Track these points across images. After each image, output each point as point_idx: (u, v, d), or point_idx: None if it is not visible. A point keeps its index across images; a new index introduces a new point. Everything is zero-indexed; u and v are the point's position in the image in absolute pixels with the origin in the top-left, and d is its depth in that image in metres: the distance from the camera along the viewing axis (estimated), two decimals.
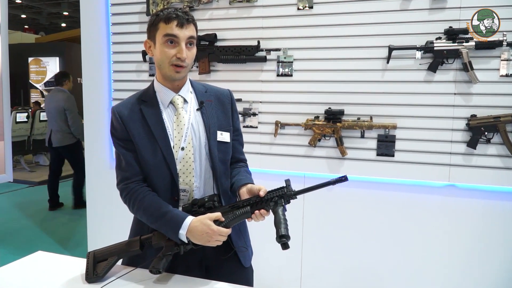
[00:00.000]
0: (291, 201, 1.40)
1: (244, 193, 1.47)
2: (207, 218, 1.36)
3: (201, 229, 1.35)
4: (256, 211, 1.38)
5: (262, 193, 1.38)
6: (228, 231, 1.37)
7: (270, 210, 1.38)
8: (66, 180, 7.19)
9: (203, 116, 1.52)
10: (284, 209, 1.35)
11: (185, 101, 1.52)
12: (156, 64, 1.49)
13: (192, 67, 2.96)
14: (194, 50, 1.48)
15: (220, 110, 1.58)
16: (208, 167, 1.51)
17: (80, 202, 5.28)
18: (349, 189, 2.77)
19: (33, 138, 7.61)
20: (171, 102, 1.51)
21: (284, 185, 1.39)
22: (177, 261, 1.49)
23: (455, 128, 2.53)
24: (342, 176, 1.34)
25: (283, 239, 1.25)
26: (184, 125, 1.48)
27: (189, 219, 1.38)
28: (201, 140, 1.50)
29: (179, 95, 1.51)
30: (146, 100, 1.51)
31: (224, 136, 1.54)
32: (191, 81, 1.58)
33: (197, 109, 1.53)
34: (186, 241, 1.38)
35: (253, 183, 1.53)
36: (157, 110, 1.50)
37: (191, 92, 1.56)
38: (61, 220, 5.05)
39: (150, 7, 3.02)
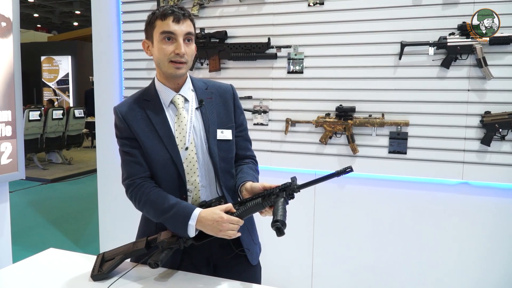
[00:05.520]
0: (303, 198, 1.37)
1: (245, 193, 1.45)
2: (217, 209, 1.35)
3: (212, 217, 1.32)
4: (266, 208, 1.35)
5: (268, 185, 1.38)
6: (239, 220, 1.34)
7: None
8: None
9: (203, 115, 1.50)
10: (286, 202, 1.31)
11: (186, 100, 1.51)
12: (156, 63, 1.47)
13: (202, 65, 2.98)
14: (192, 46, 1.47)
15: (221, 107, 1.55)
16: (211, 166, 1.50)
17: None
18: (361, 187, 2.75)
19: (46, 136, 7.69)
20: (172, 102, 1.49)
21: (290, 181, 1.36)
22: (185, 260, 1.49)
23: (469, 125, 2.49)
24: (347, 167, 1.27)
25: (276, 223, 1.21)
26: (186, 125, 1.47)
27: (198, 210, 1.37)
28: (202, 139, 1.49)
29: (179, 94, 1.50)
30: (149, 99, 1.50)
31: (225, 134, 1.52)
32: (191, 78, 1.56)
33: (196, 108, 1.51)
34: (195, 234, 1.36)
35: (254, 180, 1.50)
36: (161, 109, 1.49)
37: (192, 90, 1.54)
38: (73, 217, 5.10)
39: (161, 5, 3.02)
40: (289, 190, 1.32)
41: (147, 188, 1.45)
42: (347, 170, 1.27)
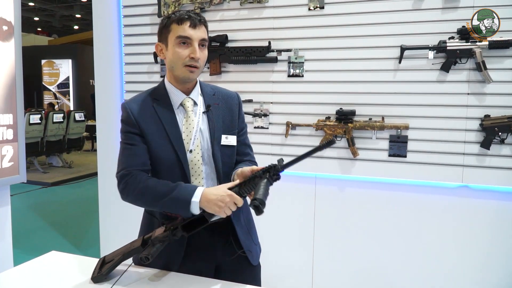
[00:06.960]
0: (303, 201, 1.37)
1: (236, 178, 1.44)
2: (223, 186, 1.35)
3: (216, 192, 1.32)
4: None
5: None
6: (241, 200, 1.32)
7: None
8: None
9: (209, 120, 1.52)
10: (269, 183, 1.30)
11: (195, 103, 1.53)
12: (168, 66, 1.49)
13: (203, 68, 2.98)
14: (205, 52, 1.49)
15: (227, 113, 1.57)
16: (214, 170, 1.51)
17: None
18: (361, 190, 2.76)
19: (46, 140, 7.70)
20: (181, 104, 1.51)
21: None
22: (187, 260, 1.50)
23: (468, 129, 2.50)
24: (330, 140, 1.30)
25: (254, 201, 1.20)
26: (193, 128, 1.48)
27: (202, 187, 1.36)
28: (208, 143, 1.50)
29: (189, 97, 1.52)
30: (159, 99, 1.51)
31: (229, 140, 1.54)
32: (200, 83, 1.58)
33: (203, 112, 1.53)
34: (198, 212, 1.34)
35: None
36: (171, 109, 1.50)
37: (200, 94, 1.56)
38: (74, 220, 5.10)
39: (162, 9, 3.03)
40: (273, 170, 1.32)
41: (144, 176, 1.43)
42: (330, 142, 1.29)
